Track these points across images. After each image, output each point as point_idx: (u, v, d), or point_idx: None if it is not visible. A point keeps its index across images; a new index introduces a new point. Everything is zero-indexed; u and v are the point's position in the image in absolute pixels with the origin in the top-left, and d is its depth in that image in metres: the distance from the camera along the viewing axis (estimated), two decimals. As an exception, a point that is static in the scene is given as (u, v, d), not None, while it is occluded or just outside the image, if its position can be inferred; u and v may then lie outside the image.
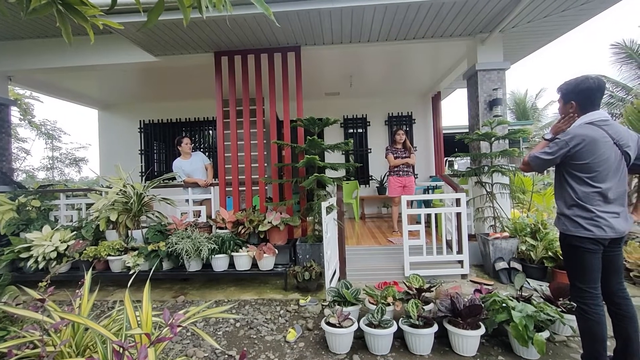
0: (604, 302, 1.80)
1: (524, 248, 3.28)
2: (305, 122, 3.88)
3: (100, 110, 7.08)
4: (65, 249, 3.50)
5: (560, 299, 2.32)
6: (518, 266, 3.25)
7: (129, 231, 3.80)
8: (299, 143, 4.20)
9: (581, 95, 1.83)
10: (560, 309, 2.24)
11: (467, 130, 4.52)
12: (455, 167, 13.25)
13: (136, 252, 3.41)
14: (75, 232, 3.83)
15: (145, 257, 3.43)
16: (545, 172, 8.16)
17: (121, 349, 0.95)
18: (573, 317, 2.17)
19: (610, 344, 1.88)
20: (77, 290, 1.68)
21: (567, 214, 1.83)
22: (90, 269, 1.92)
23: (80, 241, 3.64)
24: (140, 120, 7.02)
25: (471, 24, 3.91)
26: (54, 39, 4.53)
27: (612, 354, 1.86)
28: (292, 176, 4.18)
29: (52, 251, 3.42)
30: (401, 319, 2.30)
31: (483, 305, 2.19)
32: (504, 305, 2.13)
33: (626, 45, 14.26)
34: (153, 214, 4.07)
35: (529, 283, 2.57)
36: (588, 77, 1.84)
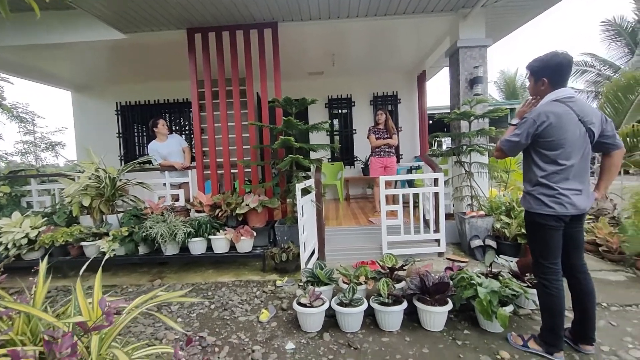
0: (564, 277, 1.83)
1: (498, 226, 3.33)
2: (282, 103, 3.77)
3: (73, 92, 6.77)
4: (37, 235, 3.41)
5: (527, 274, 2.37)
6: (492, 243, 3.31)
7: (104, 216, 3.72)
8: (277, 124, 4.09)
9: (552, 71, 1.79)
10: (525, 284, 2.29)
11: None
12: (444, 147, 13.27)
13: (111, 237, 3.35)
14: (46, 218, 3.73)
15: (120, 242, 3.37)
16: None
17: (51, 339, 0.92)
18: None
19: (570, 315, 1.94)
20: (30, 278, 1.63)
21: (531, 192, 1.83)
22: (46, 257, 1.86)
23: (52, 227, 3.55)
24: (116, 102, 6.76)
25: (452, -2, 3.78)
26: (14, 14, 4.22)
27: (569, 326, 1.92)
28: (270, 158, 4.11)
29: (22, 238, 3.33)
30: (372, 297, 2.32)
31: (451, 282, 2.22)
32: (471, 282, 2.16)
33: (616, 22, 14.11)
34: (129, 199, 3.98)
35: (498, 260, 2.62)
36: (557, 53, 1.80)
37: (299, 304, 2.27)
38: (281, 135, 3.49)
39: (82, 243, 3.43)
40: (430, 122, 7.14)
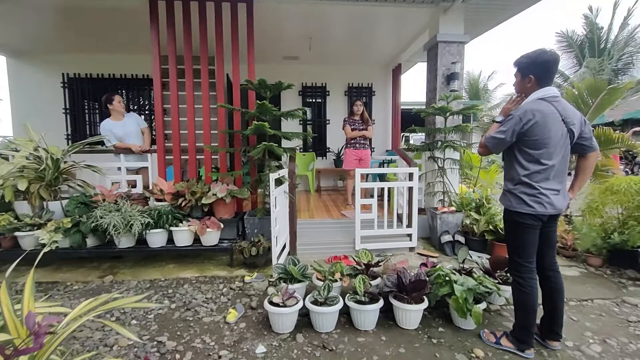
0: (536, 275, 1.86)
1: (468, 222, 3.40)
2: (256, 85, 3.51)
3: (9, 58, 5.86)
4: (-43, 224, 2.90)
5: (498, 271, 2.42)
6: (461, 239, 3.38)
7: (45, 202, 3.26)
8: (250, 109, 3.82)
9: (539, 68, 1.77)
10: (497, 281, 2.33)
11: (424, 106, 4.47)
12: (411, 142, 13.62)
13: (51, 227, 2.93)
14: (-28, 204, 3.19)
15: (64, 233, 2.97)
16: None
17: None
18: (508, 288, 2.28)
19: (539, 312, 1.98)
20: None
21: (513, 191, 1.82)
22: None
23: (-22, 214, 3.04)
24: (63, 74, 5.96)
25: (435, -10, 3.73)
26: None
27: (538, 322, 1.97)
28: (241, 145, 3.85)
29: (-63, 226, 2.81)
30: (348, 295, 2.23)
31: (428, 279, 2.19)
32: (447, 279, 2.15)
33: (568, 35, 15.32)
34: (76, 184, 3.52)
35: (471, 256, 2.67)
36: (545, 51, 1.78)
37: (271, 303, 2.11)
38: (254, 121, 3.25)
39: (17, 233, 2.98)
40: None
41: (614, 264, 3.01)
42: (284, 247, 3.28)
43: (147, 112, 6.41)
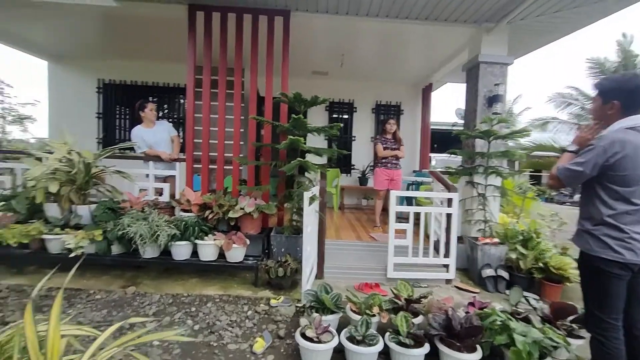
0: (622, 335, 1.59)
1: (513, 256, 3.11)
2: (291, 99, 3.42)
3: (50, 63, 6.08)
4: (-13, 223, 2.88)
5: (560, 320, 2.13)
6: (505, 275, 3.08)
7: (74, 206, 3.22)
8: (281, 122, 3.73)
9: (627, 95, 1.56)
10: (560, 332, 2.04)
11: (447, 127, 4.26)
12: (433, 163, 13.23)
13: (79, 236, 2.85)
14: (4, 203, 3.19)
15: (90, 239, 2.89)
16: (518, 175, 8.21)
17: None
18: (575, 341, 2.00)
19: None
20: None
21: (593, 232, 1.58)
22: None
23: (9, 214, 3.02)
24: (98, 79, 6.14)
25: (479, 10, 3.59)
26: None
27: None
28: (271, 158, 3.74)
29: (-32, 225, 2.79)
30: (388, 333, 2.01)
31: (482, 323, 1.94)
32: (505, 325, 1.89)
33: (600, 61, 14.82)
34: (105, 189, 3.49)
35: (527, 299, 2.38)
36: (637, 75, 1.57)
37: (304, 335, 1.92)
38: (290, 135, 3.13)
39: (44, 236, 2.93)
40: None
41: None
42: (311, 269, 3.09)
43: (174, 120, 6.48)
